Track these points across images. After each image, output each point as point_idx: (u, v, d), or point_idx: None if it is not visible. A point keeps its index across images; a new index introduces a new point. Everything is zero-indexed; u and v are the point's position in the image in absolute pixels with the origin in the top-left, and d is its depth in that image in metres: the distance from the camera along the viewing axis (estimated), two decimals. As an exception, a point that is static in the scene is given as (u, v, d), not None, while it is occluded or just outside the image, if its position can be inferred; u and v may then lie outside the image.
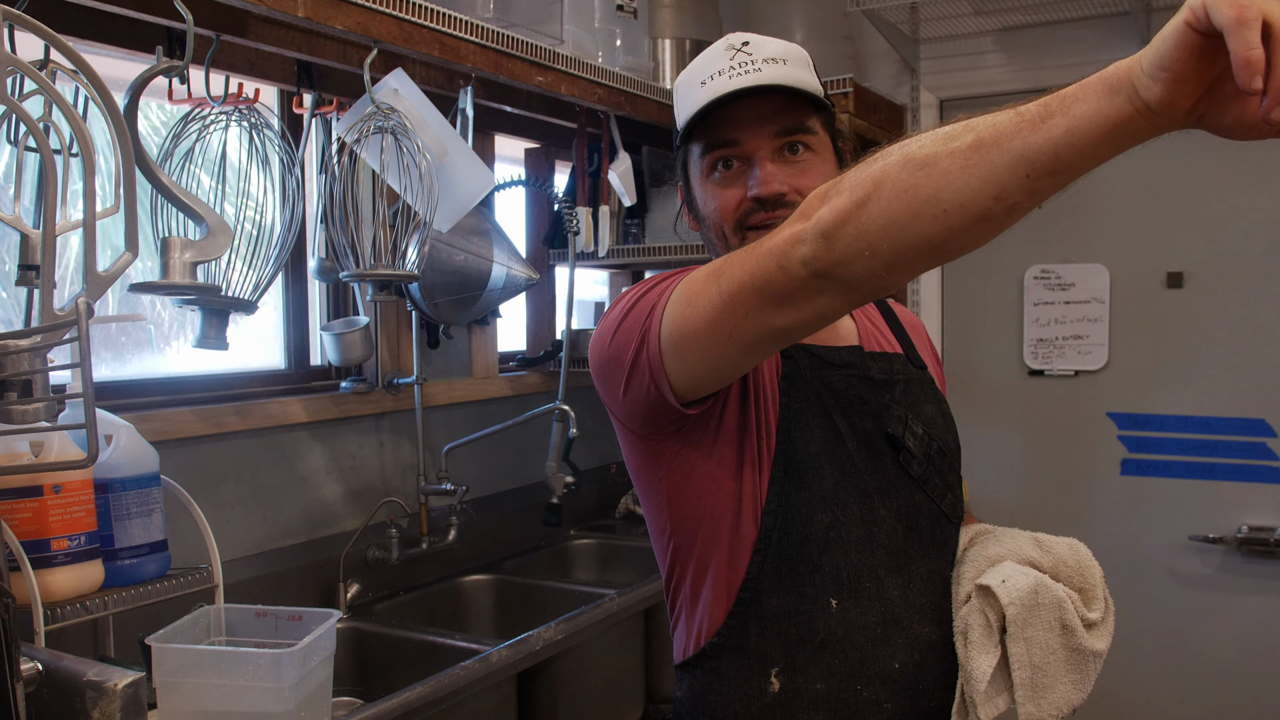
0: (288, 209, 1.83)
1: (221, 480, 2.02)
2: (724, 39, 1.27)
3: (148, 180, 1.49)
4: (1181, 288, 2.82)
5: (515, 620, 2.38)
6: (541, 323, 3.05)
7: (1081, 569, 1.23)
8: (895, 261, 0.88)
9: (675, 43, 2.72)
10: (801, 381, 1.23)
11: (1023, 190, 0.80)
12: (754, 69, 1.20)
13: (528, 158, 2.98)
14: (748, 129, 1.21)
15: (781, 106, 1.21)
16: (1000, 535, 1.29)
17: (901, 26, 2.95)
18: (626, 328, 1.15)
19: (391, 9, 1.76)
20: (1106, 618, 1.23)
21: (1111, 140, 0.76)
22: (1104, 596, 1.24)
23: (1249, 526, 2.75)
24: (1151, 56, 0.73)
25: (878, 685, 1.19)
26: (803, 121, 1.22)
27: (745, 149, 1.22)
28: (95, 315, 1.17)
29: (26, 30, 1.21)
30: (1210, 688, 2.80)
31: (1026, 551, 1.23)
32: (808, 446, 1.21)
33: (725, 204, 1.23)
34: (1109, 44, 2.83)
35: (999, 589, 1.17)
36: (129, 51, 1.73)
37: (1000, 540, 1.27)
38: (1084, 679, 1.19)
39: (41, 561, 1.37)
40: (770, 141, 1.22)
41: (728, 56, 1.23)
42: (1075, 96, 0.78)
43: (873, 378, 1.27)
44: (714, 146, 1.24)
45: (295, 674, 1.38)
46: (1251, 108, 0.71)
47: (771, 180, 1.20)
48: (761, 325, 1.00)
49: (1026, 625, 1.16)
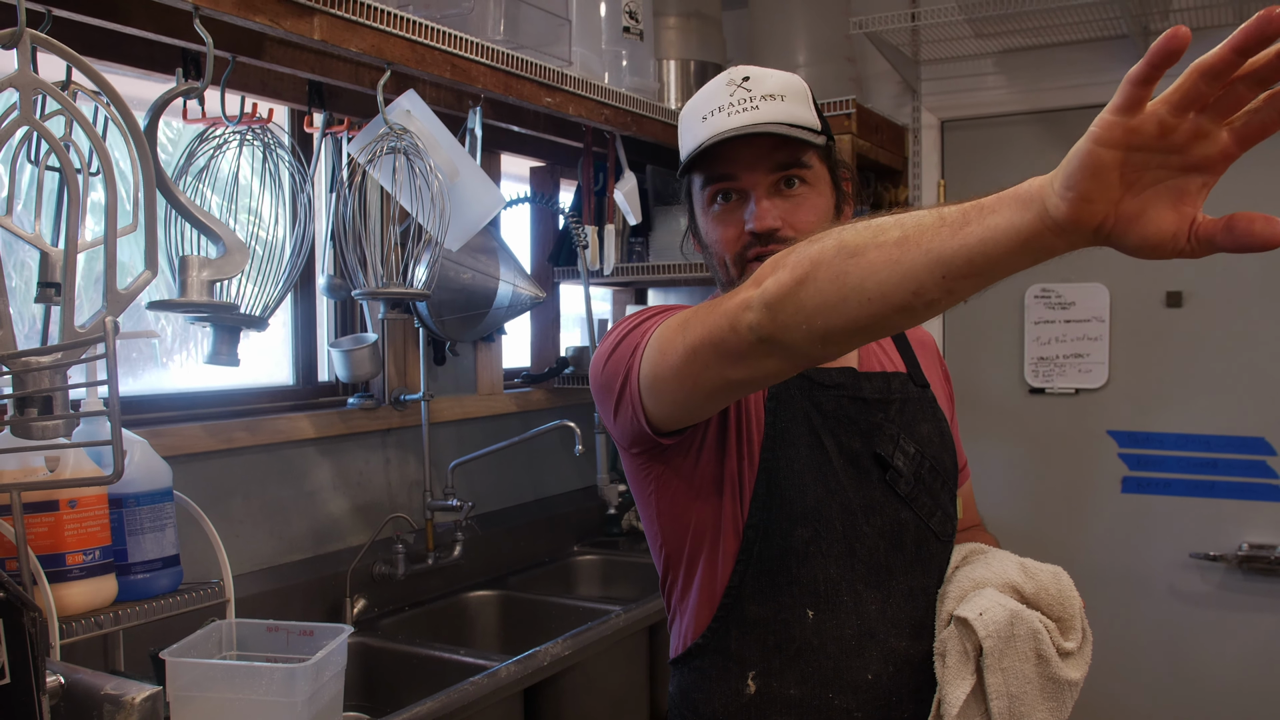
0: (298, 228, 1.85)
1: (230, 495, 2.03)
2: (726, 73, 1.31)
3: (166, 199, 1.51)
4: (1181, 307, 2.85)
5: (520, 636, 2.39)
6: (546, 340, 3.07)
7: (1062, 598, 1.26)
8: (829, 336, 0.91)
9: (680, 64, 2.75)
10: (790, 402, 1.28)
11: (939, 289, 0.82)
12: (751, 106, 1.25)
13: (533, 176, 3.01)
14: (744, 166, 1.26)
15: (777, 144, 1.25)
16: (989, 559, 1.33)
17: (903, 48, 2.98)
18: (616, 359, 1.21)
19: (405, 31, 1.79)
20: (1084, 647, 1.26)
21: (1024, 252, 0.78)
22: (1082, 627, 1.27)
23: (1249, 544, 2.76)
24: (1061, 175, 0.75)
25: (849, 694, 1.24)
26: (798, 157, 1.27)
27: (742, 184, 1.27)
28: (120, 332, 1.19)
29: (50, 52, 1.24)
30: (1211, 705, 2.81)
31: (1011, 577, 1.27)
32: (792, 464, 1.26)
33: (725, 237, 1.28)
34: (1108, 65, 2.86)
35: (976, 622, 1.20)
36: (145, 72, 1.75)
37: (989, 564, 1.31)
38: (1060, 706, 1.23)
39: (56, 576, 1.38)
40: (766, 177, 1.26)
41: (728, 92, 1.27)
42: (992, 207, 0.80)
43: (865, 397, 1.31)
44: (713, 180, 1.29)
45: (308, 689, 1.39)
46: (1155, 227, 0.72)
47: (765, 216, 1.25)
48: (719, 378, 1.06)
49: (1003, 656, 1.20)
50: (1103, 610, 2.92)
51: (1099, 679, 2.91)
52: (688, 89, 2.76)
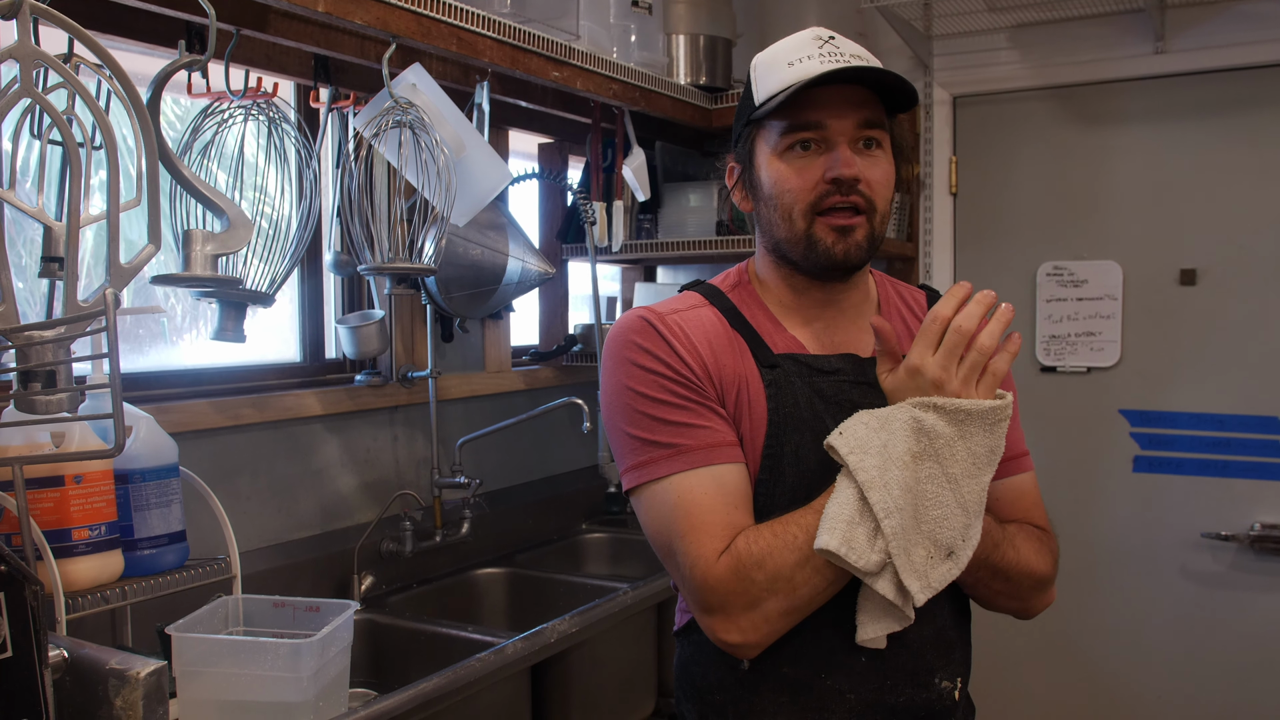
0: (304, 203, 1.84)
1: (238, 472, 2.03)
2: (809, 30, 1.29)
3: (170, 173, 1.50)
4: (1194, 285, 2.82)
5: (528, 613, 2.39)
6: (554, 317, 3.06)
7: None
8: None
9: (689, 39, 2.72)
10: (790, 387, 1.26)
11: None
12: (842, 59, 1.23)
13: (541, 152, 2.99)
14: (834, 113, 1.23)
15: (866, 99, 1.24)
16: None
17: (915, 23, 2.95)
18: (612, 436, 1.28)
19: (410, 4, 1.77)
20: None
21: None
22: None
23: (1262, 524, 2.74)
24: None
25: (842, 676, 1.24)
26: (882, 118, 1.26)
27: (829, 133, 1.24)
28: (121, 306, 1.18)
29: (52, 24, 1.23)
30: (1222, 685, 2.80)
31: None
32: (796, 452, 1.24)
33: (804, 184, 1.25)
34: (1123, 41, 2.83)
35: (834, 439, 1.16)
36: (149, 46, 1.74)
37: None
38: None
39: (62, 551, 1.38)
40: (853, 130, 1.24)
41: (815, 45, 1.25)
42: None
43: (870, 382, 1.27)
44: (798, 128, 1.25)
45: (314, 664, 1.39)
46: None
47: (853, 163, 1.23)
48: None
49: (866, 451, 1.13)
50: (1114, 590, 2.91)
51: (1110, 658, 2.91)
52: (697, 64, 2.73)
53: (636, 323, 1.27)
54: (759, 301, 1.33)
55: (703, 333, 1.27)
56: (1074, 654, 2.97)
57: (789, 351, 1.29)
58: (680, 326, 1.27)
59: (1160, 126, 2.84)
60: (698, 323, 1.28)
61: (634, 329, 1.27)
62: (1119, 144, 2.87)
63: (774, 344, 1.29)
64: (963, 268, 3.10)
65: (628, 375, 1.25)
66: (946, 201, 3.09)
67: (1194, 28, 2.75)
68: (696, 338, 1.26)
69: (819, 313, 1.32)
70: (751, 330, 1.30)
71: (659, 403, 1.23)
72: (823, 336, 1.32)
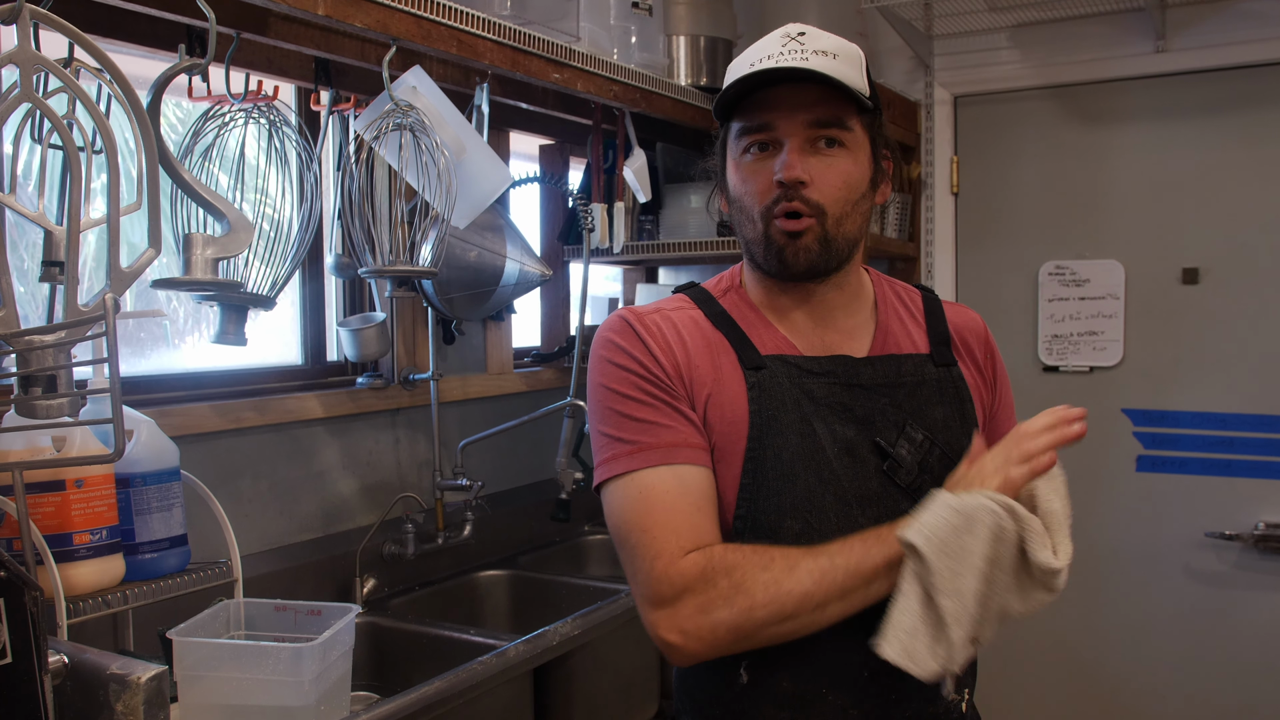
0: (305, 206, 1.84)
1: (239, 475, 2.03)
2: (782, 28, 1.26)
3: (170, 177, 1.50)
4: (1197, 284, 2.81)
5: (530, 615, 2.39)
6: (556, 319, 3.06)
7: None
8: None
9: (690, 40, 2.72)
10: (776, 389, 1.23)
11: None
12: (801, 57, 1.20)
13: (542, 154, 2.99)
14: (783, 113, 1.21)
15: (820, 97, 1.21)
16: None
17: (915, 23, 2.95)
18: (591, 435, 1.27)
19: (410, 7, 1.77)
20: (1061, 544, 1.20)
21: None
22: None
23: (1266, 523, 2.74)
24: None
25: (845, 691, 1.20)
26: (840, 117, 1.22)
27: (778, 133, 1.22)
28: (121, 311, 1.18)
29: (52, 29, 1.23)
30: (1226, 685, 2.79)
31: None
32: (780, 454, 1.21)
33: (759, 186, 1.24)
34: (1123, 40, 2.82)
35: (907, 532, 1.09)
36: (149, 49, 1.74)
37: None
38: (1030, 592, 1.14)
39: (63, 555, 1.38)
40: (803, 130, 1.21)
41: (780, 44, 1.23)
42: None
43: (861, 384, 1.25)
44: (749, 130, 1.24)
45: (315, 668, 1.39)
46: None
47: (794, 166, 1.20)
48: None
49: (944, 551, 1.08)
50: (1117, 589, 2.91)
51: (1113, 658, 2.91)
52: (698, 65, 2.73)
53: (616, 322, 1.27)
54: (750, 303, 1.31)
55: (680, 333, 1.26)
56: (1077, 653, 2.96)
57: (778, 353, 1.26)
58: (658, 326, 1.26)
59: (1161, 125, 2.83)
60: (677, 323, 1.27)
61: (613, 328, 1.27)
62: (1120, 143, 2.87)
63: (762, 345, 1.27)
64: (964, 268, 3.09)
65: (603, 373, 1.25)
66: (948, 201, 3.08)
67: (1194, 26, 2.74)
68: (672, 338, 1.25)
69: (804, 312, 1.30)
70: (739, 332, 1.27)
71: (629, 399, 1.21)
72: (814, 337, 1.29)
